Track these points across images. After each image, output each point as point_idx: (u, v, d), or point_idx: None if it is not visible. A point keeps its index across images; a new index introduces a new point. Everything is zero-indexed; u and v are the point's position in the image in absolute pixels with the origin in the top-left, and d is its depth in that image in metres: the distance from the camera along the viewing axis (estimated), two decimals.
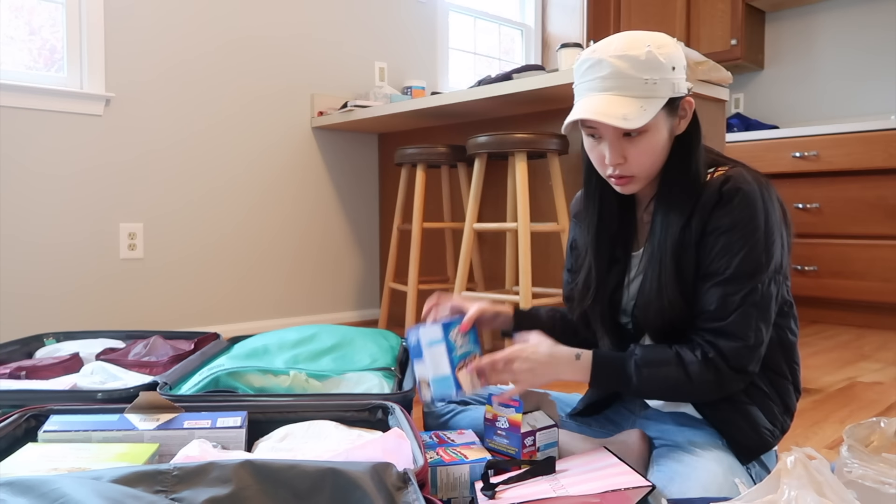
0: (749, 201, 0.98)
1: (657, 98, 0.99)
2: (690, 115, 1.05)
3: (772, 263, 0.98)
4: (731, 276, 0.98)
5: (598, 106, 0.99)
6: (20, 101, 2.26)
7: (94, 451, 0.99)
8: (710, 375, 0.98)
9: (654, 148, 1.03)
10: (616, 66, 0.99)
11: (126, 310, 2.51)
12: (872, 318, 2.98)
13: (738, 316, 0.98)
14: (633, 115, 0.98)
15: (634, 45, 0.99)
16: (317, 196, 3.05)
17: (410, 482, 0.83)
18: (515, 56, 4.14)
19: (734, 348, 0.98)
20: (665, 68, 0.99)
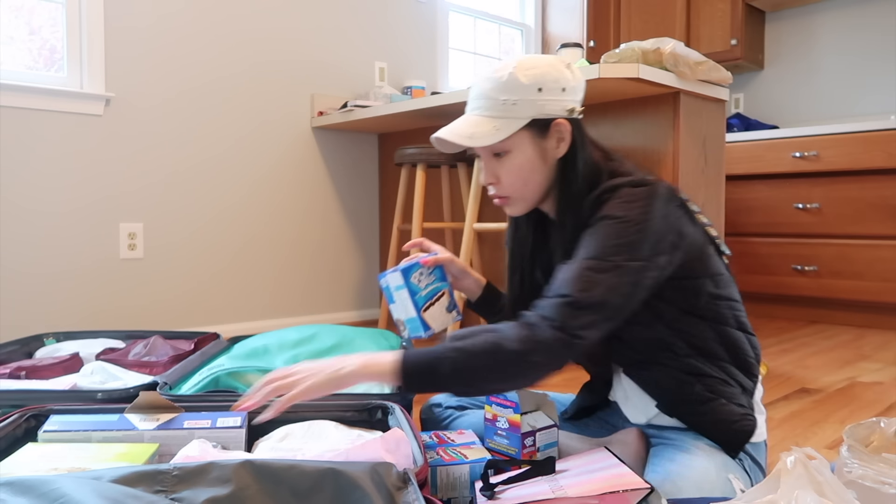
0: (617, 199, 0.97)
1: (515, 119, 1.02)
2: (568, 137, 1.04)
3: (630, 252, 0.94)
4: (584, 256, 0.96)
5: (454, 125, 1.05)
6: (20, 101, 2.26)
7: (94, 451, 0.99)
8: (525, 331, 0.91)
9: (520, 169, 1.05)
10: (480, 87, 1.05)
11: (126, 310, 2.51)
12: (872, 318, 2.98)
13: (566, 275, 0.94)
14: (481, 133, 1.01)
15: (504, 67, 1.03)
16: (317, 196, 3.05)
17: (410, 482, 0.83)
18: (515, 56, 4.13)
19: (552, 303, 0.92)
20: (527, 89, 1.01)
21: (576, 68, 1.07)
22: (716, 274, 1.06)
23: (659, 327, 1.04)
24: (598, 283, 0.92)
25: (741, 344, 1.07)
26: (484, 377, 0.92)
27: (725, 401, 1.03)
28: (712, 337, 1.05)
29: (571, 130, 1.05)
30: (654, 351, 1.05)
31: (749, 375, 1.07)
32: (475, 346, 0.92)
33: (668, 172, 2.16)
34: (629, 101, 2.27)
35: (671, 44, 2.02)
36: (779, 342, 2.64)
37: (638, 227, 0.95)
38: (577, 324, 0.91)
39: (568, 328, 0.90)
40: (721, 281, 1.07)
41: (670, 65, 2.04)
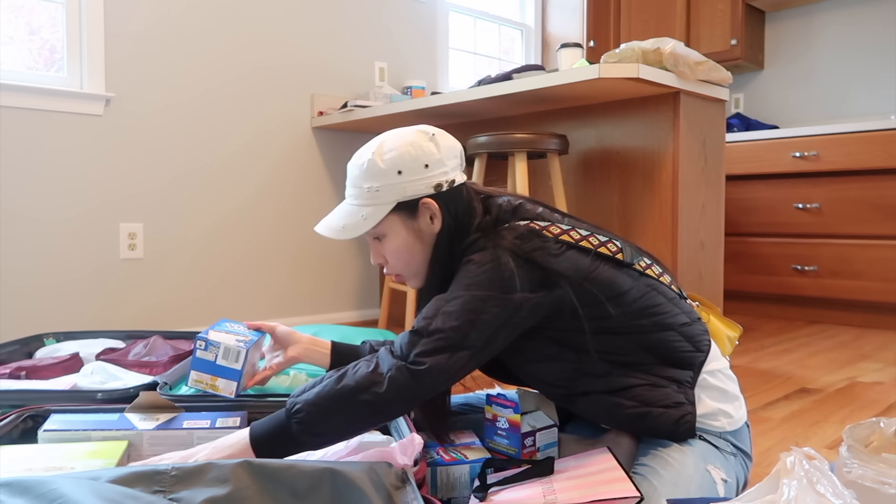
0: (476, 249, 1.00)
1: (381, 205, 1.04)
2: (439, 213, 1.05)
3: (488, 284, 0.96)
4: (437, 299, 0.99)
5: (328, 218, 1.09)
6: (20, 101, 2.26)
7: (64, 450, 0.99)
8: (368, 366, 0.93)
9: (398, 250, 1.07)
10: (350, 174, 1.08)
11: (126, 310, 2.51)
12: (872, 318, 2.98)
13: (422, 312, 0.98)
14: (351, 225, 1.05)
15: (364, 153, 1.05)
16: (317, 196, 3.05)
17: (408, 482, 0.83)
18: (515, 56, 4.14)
19: (400, 336, 0.96)
20: (386, 174, 1.02)
21: (443, 137, 1.07)
22: (618, 294, 1.02)
23: (570, 355, 1.03)
24: (441, 312, 0.95)
25: (668, 342, 1.04)
26: (334, 422, 0.91)
27: (660, 408, 1.02)
28: (632, 347, 1.03)
29: (440, 207, 1.05)
30: (576, 380, 1.04)
31: (684, 367, 1.04)
32: (318, 392, 0.92)
33: (668, 172, 2.16)
34: (629, 101, 2.27)
35: (671, 44, 2.02)
36: (779, 342, 2.64)
37: (488, 265, 0.97)
38: (416, 350, 0.93)
39: (407, 356, 0.93)
40: (625, 298, 1.03)
41: (670, 65, 2.04)
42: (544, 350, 1.04)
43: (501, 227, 1.03)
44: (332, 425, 0.92)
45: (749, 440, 1.10)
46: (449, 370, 0.93)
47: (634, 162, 2.25)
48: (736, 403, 1.09)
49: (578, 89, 2.14)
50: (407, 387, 0.91)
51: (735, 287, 3.33)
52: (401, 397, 0.92)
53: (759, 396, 1.83)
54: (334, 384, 0.92)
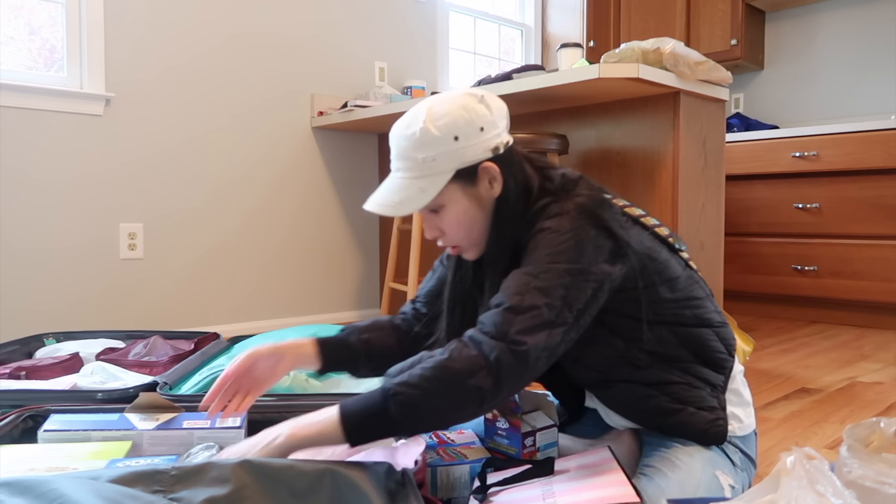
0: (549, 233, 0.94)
1: (439, 174, 0.98)
2: (500, 176, 1.00)
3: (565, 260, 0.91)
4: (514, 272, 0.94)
5: (380, 194, 1.01)
6: (20, 101, 2.26)
7: (68, 450, 0.99)
8: (468, 349, 0.86)
9: (459, 220, 1.01)
10: (398, 147, 1.00)
11: (126, 310, 2.51)
12: (872, 318, 2.98)
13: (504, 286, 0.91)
14: (408, 199, 0.98)
15: (414, 122, 0.98)
16: (317, 196, 3.05)
17: (409, 482, 0.83)
18: (515, 56, 4.14)
19: (491, 314, 0.89)
20: (442, 142, 0.96)
21: (491, 98, 1.01)
22: (671, 278, 1.02)
23: (617, 342, 1.01)
24: (533, 287, 0.89)
25: (705, 340, 1.04)
26: (438, 407, 0.86)
27: (694, 408, 1.01)
28: (673, 341, 1.02)
29: (501, 169, 1.00)
30: (615, 367, 1.03)
31: (718, 370, 1.04)
32: (421, 375, 0.86)
33: (668, 172, 2.16)
34: (629, 101, 2.27)
35: (671, 44, 2.02)
36: (779, 342, 2.64)
37: (569, 234, 0.93)
38: (515, 329, 0.86)
39: (508, 335, 0.86)
40: (677, 284, 1.03)
41: (670, 65, 2.03)
42: (595, 332, 1.00)
43: (573, 193, 0.98)
44: (434, 409, 0.86)
45: (755, 447, 1.10)
46: (549, 347, 0.88)
47: (634, 162, 2.25)
48: (748, 409, 1.09)
49: (578, 89, 2.14)
50: (513, 369, 0.85)
51: (735, 287, 3.33)
52: (509, 380, 0.86)
53: (759, 396, 1.83)
54: (434, 368, 0.85)
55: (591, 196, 0.97)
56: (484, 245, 1.05)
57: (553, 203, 0.97)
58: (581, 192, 0.98)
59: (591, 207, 0.95)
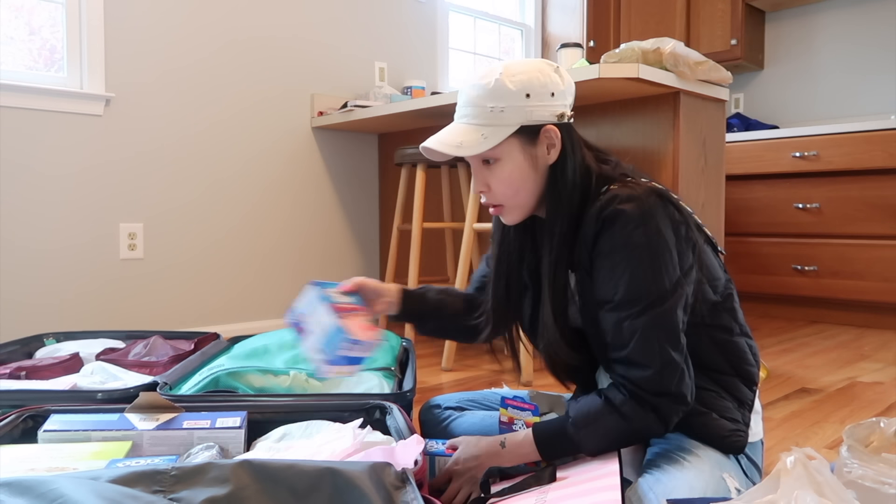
0: (628, 222, 0.95)
1: (503, 126, 1.00)
2: (559, 143, 1.02)
3: (664, 280, 0.94)
4: (620, 302, 0.96)
5: (441, 135, 1.03)
6: (20, 101, 2.26)
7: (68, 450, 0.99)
8: (644, 410, 0.95)
9: (510, 177, 1.02)
10: (468, 95, 1.03)
11: (126, 310, 2.51)
12: (872, 318, 2.98)
13: (636, 343, 0.95)
14: (470, 142, 1.00)
15: (489, 73, 1.01)
16: (317, 196, 3.05)
17: (409, 482, 0.83)
18: (515, 56, 4.14)
19: (645, 377, 0.94)
20: (515, 96, 0.99)
21: (565, 72, 1.05)
22: (715, 278, 1.05)
23: None
24: (661, 339, 0.95)
25: (742, 352, 1.06)
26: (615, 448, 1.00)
27: (717, 415, 1.02)
28: (712, 348, 1.04)
29: (562, 136, 1.02)
30: None
31: (749, 385, 1.06)
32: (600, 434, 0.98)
33: (668, 172, 2.16)
34: (629, 101, 2.27)
35: (671, 44, 2.02)
36: (779, 342, 2.64)
37: (660, 246, 0.95)
38: (677, 387, 0.95)
39: (675, 394, 0.95)
40: (719, 285, 1.05)
41: (670, 65, 2.03)
42: None
43: (636, 181, 1.00)
44: (610, 446, 1.00)
45: (762, 456, 1.10)
46: (690, 373, 0.98)
47: (634, 162, 2.25)
48: (757, 417, 1.09)
49: (578, 89, 2.13)
50: (679, 412, 0.97)
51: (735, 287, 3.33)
52: (676, 419, 0.97)
53: (760, 396, 1.83)
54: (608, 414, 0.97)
55: (662, 191, 0.99)
56: (527, 210, 1.07)
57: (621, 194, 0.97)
58: (650, 187, 0.99)
59: (664, 193, 0.98)
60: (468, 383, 1.99)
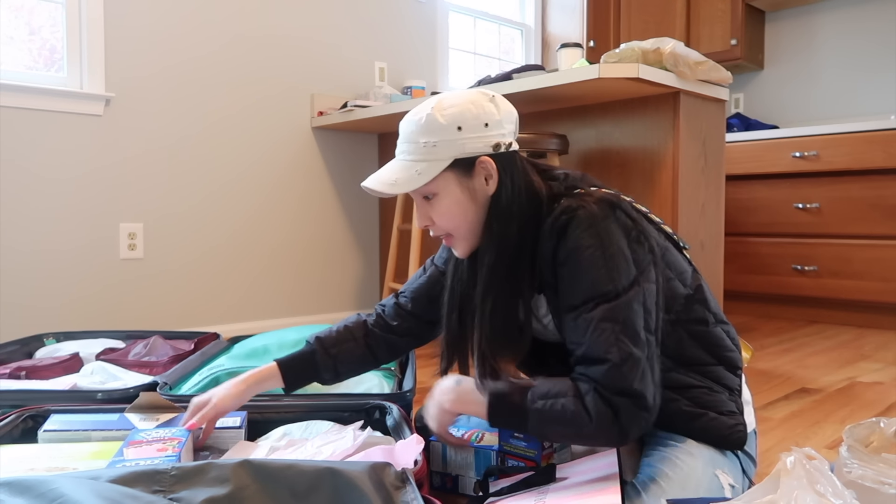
0: (578, 226, 0.96)
1: (437, 161, 1.00)
2: (496, 174, 1.02)
3: (619, 277, 0.94)
4: (577, 303, 0.95)
5: (379, 173, 1.04)
6: (20, 101, 2.26)
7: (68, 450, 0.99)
8: (605, 406, 0.91)
9: (450, 210, 1.03)
10: (403, 131, 1.04)
11: (126, 310, 2.51)
12: (872, 318, 2.98)
13: (591, 335, 0.93)
14: (403, 180, 1.01)
15: (422, 108, 1.02)
16: (317, 196, 3.05)
17: (409, 482, 0.83)
18: (515, 56, 4.14)
19: (603, 372, 0.92)
20: (446, 130, 0.99)
21: (502, 101, 1.04)
22: (682, 272, 1.05)
23: None
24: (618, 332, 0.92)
25: (721, 340, 1.06)
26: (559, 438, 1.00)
27: (714, 413, 1.02)
28: (691, 342, 1.04)
29: (498, 166, 1.02)
30: None
31: (734, 371, 1.06)
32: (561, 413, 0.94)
33: (668, 172, 2.16)
34: (629, 101, 2.27)
35: (671, 44, 2.02)
36: (779, 342, 2.64)
37: (610, 246, 0.95)
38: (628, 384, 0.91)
39: (626, 391, 0.91)
40: (687, 278, 1.06)
41: (670, 65, 2.03)
42: None
43: (588, 190, 1.00)
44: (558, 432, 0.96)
45: (755, 446, 1.10)
46: (656, 380, 0.94)
47: (634, 162, 2.25)
48: (748, 408, 1.09)
49: (578, 89, 2.14)
50: (640, 418, 0.92)
51: (735, 287, 3.33)
52: (637, 427, 0.92)
53: (760, 396, 1.83)
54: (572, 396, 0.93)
55: (605, 196, 0.99)
56: (474, 241, 1.06)
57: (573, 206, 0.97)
58: (595, 187, 1.00)
59: (612, 201, 0.98)
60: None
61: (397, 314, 1.24)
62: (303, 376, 1.19)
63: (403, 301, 1.24)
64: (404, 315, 1.23)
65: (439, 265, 1.23)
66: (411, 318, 1.23)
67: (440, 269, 1.22)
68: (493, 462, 1.11)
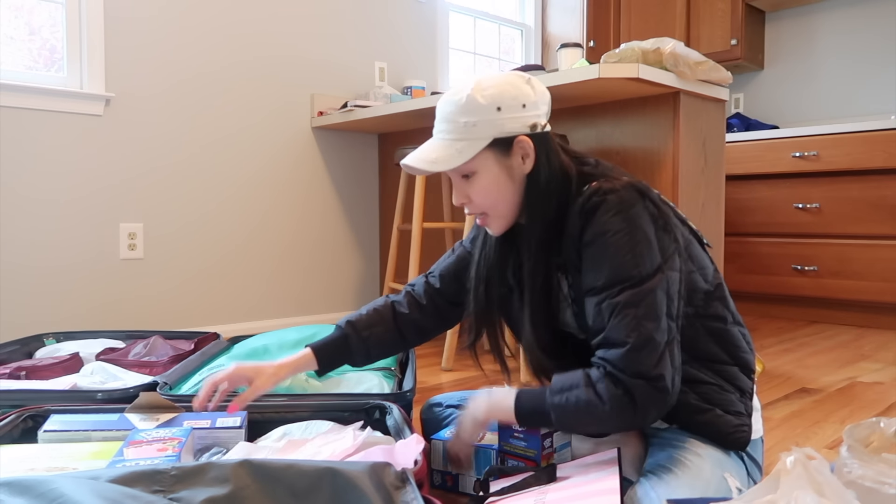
0: (608, 210, 0.97)
1: (477, 140, 1.03)
2: (532, 153, 1.05)
3: (644, 263, 0.95)
4: (602, 285, 0.97)
5: (419, 151, 1.06)
6: (20, 101, 2.26)
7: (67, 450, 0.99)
8: (619, 390, 0.93)
9: (488, 188, 1.05)
10: (442, 111, 1.06)
11: (126, 310, 2.51)
12: (872, 318, 2.98)
13: (613, 319, 0.95)
14: (444, 158, 1.03)
15: (462, 89, 1.04)
16: (317, 196, 3.05)
17: (409, 482, 0.83)
18: (515, 56, 4.14)
19: (620, 354, 0.93)
20: (486, 110, 1.02)
21: (537, 83, 1.06)
22: (703, 267, 1.06)
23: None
24: (640, 317, 0.94)
25: (738, 340, 1.07)
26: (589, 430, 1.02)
27: (721, 411, 1.02)
28: (708, 339, 1.04)
29: (535, 146, 1.04)
30: None
31: (747, 373, 1.07)
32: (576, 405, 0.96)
33: (668, 172, 2.16)
34: (629, 101, 2.27)
35: (671, 44, 2.02)
36: (779, 342, 2.64)
37: (638, 232, 0.96)
38: (646, 367, 0.92)
39: (644, 374, 0.92)
40: (708, 274, 1.07)
41: (670, 65, 2.03)
42: None
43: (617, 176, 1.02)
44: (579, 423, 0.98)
45: (762, 453, 1.10)
46: (675, 364, 0.95)
47: (634, 162, 2.25)
48: (756, 415, 1.09)
49: (578, 89, 2.14)
50: (658, 401, 0.93)
51: (735, 287, 3.33)
52: (655, 410, 0.94)
53: (760, 396, 1.83)
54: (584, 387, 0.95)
55: (642, 184, 1.01)
56: (510, 219, 1.09)
57: (604, 188, 0.99)
58: (630, 180, 1.01)
59: (641, 189, 1.00)
60: (468, 383, 1.99)
61: (426, 292, 1.26)
62: (337, 360, 1.23)
63: (432, 280, 1.27)
64: (432, 293, 1.26)
65: (467, 246, 1.25)
66: (439, 296, 1.26)
67: (468, 249, 1.24)
68: (493, 462, 1.11)
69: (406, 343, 1.26)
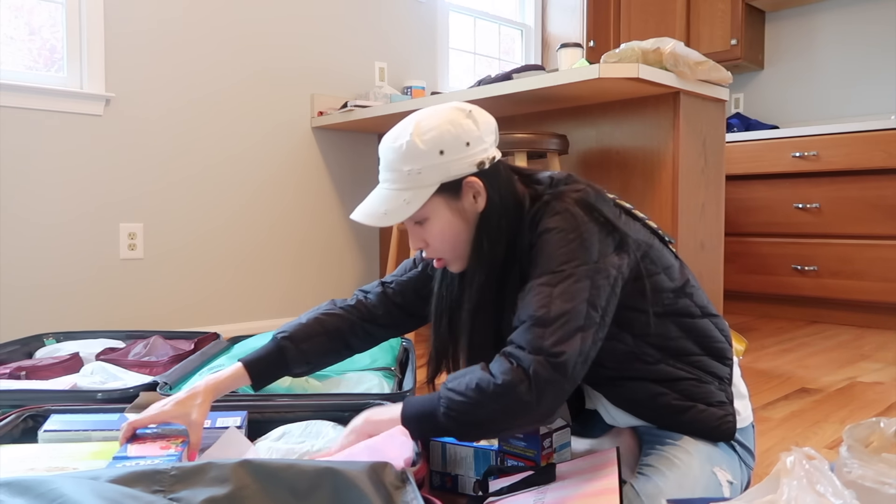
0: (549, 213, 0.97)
1: (423, 187, 0.99)
2: (483, 191, 1.01)
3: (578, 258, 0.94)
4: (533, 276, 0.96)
5: (367, 205, 1.03)
6: (20, 101, 2.26)
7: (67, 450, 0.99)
8: (512, 363, 0.89)
9: (443, 233, 1.03)
10: (385, 158, 1.02)
11: (126, 310, 2.51)
12: (872, 318, 2.98)
13: (528, 298, 0.93)
14: (393, 210, 0.99)
15: (401, 134, 1.00)
16: (317, 196, 3.05)
17: (408, 481, 0.83)
18: (515, 56, 4.14)
19: (522, 329, 0.91)
20: (428, 155, 0.98)
21: (479, 113, 1.03)
22: (668, 266, 1.05)
23: (626, 337, 1.02)
24: (555, 297, 0.91)
25: (709, 331, 1.06)
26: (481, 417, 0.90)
27: (704, 405, 1.02)
28: (679, 334, 1.04)
29: (485, 184, 1.01)
30: (625, 364, 1.03)
31: (723, 361, 1.06)
32: (467, 385, 0.91)
33: (668, 172, 2.16)
34: (629, 101, 2.27)
35: (671, 44, 2.02)
36: (779, 342, 2.64)
37: (575, 232, 0.95)
38: (548, 342, 0.89)
39: (543, 349, 0.88)
40: (673, 272, 1.06)
41: (670, 65, 2.03)
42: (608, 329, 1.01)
43: (567, 189, 1.00)
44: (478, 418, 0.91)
45: (753, 439, 1.11)
46: (584, 352, 0.91)
47: (634, 162, 2.25)
48: (745, 402, 1.10)
49: (578, 89, 2.14)
50: (553, 380, 0.88)
51: (735, 287, 3.33)
52: (551, 392, 0.88)
53: (759, 396, 1.83)
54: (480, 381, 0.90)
55: (585, 190, 0.99)
56: (467, 258, 1.06)
57: (551, 201, 0.99)
58: (575, 188, 1.00)
59: (588, 201, 0.98)
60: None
61: (382, 303, 1.21)
62: (273, 373, 1.15)
63: (391, 291, 1.22)
64: (389, 305, 1.21)
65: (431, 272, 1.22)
66: (396, 308, 1.21)
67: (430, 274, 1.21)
68: (492, 461, 1.11)
69: (351, 350, 1.21)
